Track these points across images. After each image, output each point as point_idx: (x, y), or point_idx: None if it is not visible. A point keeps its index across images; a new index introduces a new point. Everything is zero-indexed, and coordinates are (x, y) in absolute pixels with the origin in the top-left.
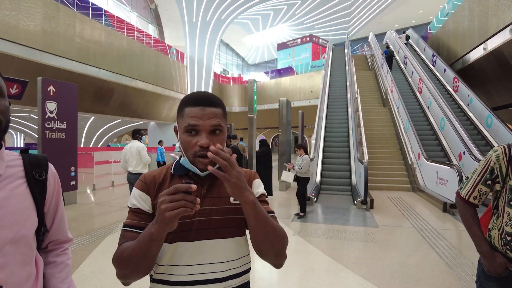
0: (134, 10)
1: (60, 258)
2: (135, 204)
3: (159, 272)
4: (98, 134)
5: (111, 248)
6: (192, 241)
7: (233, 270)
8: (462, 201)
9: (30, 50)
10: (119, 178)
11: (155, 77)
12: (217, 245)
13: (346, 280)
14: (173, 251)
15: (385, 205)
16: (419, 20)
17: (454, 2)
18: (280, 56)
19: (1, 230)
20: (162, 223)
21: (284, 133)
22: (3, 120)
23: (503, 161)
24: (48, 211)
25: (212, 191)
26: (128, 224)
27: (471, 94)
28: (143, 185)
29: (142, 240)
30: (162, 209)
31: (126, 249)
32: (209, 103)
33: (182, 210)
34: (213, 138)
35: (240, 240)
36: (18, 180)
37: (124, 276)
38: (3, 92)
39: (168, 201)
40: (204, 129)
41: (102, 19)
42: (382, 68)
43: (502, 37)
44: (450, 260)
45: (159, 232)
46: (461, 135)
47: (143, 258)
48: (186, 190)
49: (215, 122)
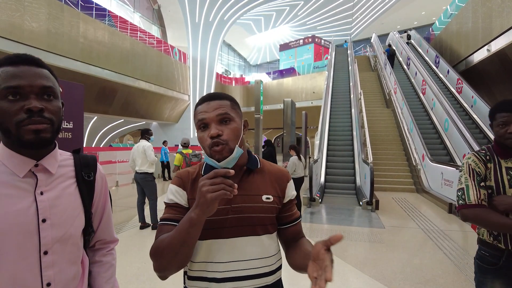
0: (137, 11)
1: (106, 258)
2: (172, 199)
3: (194, 269)
4: (101, 134)
5: (119, 247)
6: (225, 238)
7: (267, 267)
8: (476, 207)
9: (34, 50)
10: (124, 178)
11: (158, 78)
12: (250, 242)
13: (356, 281)
14: (208, 248)
15: (390, 206)
16: (422, 22)
17: (457, 4)
18: (282, 57)
19: (51, 228)
20: (203, 205)
21: (289, 134)
22: (55, 121)
23: (480, 164)
24: (96, 211)
25: (244, 188)
26: (165, 218)
27: (475, 95)
28: (179, 181)
29: (181, 227)
30: (204, 191)
31: (164, 239)
32: (214, 98)
33: (222, 192)
34: (222, 127)
35: (272, 237)
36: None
37: (162, 267)
38: (56, 94)
39: (209, 184)
40: (212, 120)
41: (106, 19)
42: (385, 69)
43: (506, 39)
44: (459, 261)
45: (199, 216)
46: (465, 136)
47: (182, 245)
48: (225, 175)
49: (220, 111)
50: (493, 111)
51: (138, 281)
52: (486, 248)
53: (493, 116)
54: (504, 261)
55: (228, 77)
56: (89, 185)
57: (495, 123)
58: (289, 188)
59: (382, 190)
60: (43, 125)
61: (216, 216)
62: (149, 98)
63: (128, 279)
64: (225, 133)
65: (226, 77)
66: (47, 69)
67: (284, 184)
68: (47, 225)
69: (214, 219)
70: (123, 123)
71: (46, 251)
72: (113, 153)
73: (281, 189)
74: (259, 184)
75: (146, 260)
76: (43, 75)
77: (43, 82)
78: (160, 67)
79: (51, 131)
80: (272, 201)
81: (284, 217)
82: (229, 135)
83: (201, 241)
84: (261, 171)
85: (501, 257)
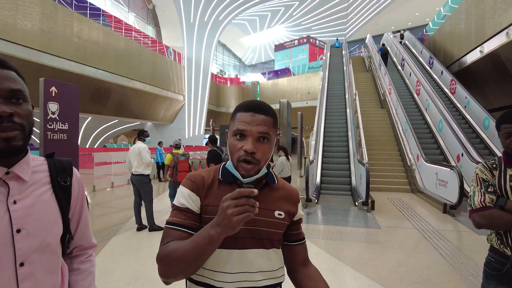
0: (132, 11)
1: (84, 265)
2: (183, 203)
3: (203, 275)
4: (95, 135)
5: (117, 250)
6: (237, 248)
7: (273, 279)
8: (482, 210)
9: (28, 50)
10: (119, 179)
11: (152, 78)
12: (259, 255)
13: (353, 281)
14: (217, 257)
15: (386, 206)
16: (416, 22)
17: (450, 5)
18: (277, 57)
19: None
20: (227, 227)
21: (285, 135)
22: (26, 126)
23: (487, 172)
24: (73, 217)
25: (260, 202)
26: (174, 222)
27: (468, 96)
28: (193, 185)
29: (199, 242)
30: (229, 213)
31: (177, 249)
32: (259, 110)
33: (247, 215)
34: (259, 145)
35: (278, 252)
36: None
37: (171, 275)
38: (25, 96)
39: (234, 206)
40: (251, 135)
41: (100, 19)
42: (379, 70)
43: (498, 40)
44: (454, 261)
45: (221, 235)
46: (459, 137)
47: (196, 259)
48: (249, 195)
49: (262, 129)
50: (498, 122)
51: (136, 284)
52: (493, 254)
53: (499, 127)
54: (509, 268)
55: (223, 77)
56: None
57: (500, 134)
58: (300, 207)
59: (377, 190)
60: (14, 132)
61: None
62: (144, 98)
63: (127, 281)
64: (260, 152)
65: (221, 77)
66: (14, 71)
67: (296, 203)
68: (22, 235)
69: None
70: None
71: (22, 262)
72: (109, 154)
73: (293, 207)
74: (274, 199)
75: (144, 263)
76: (10, 78)
77: (10, 85)
78: (155, 67)
79: (23, 137)
80: (283, 218)
81: (291, 235)
82: (262, 155)
83: None
84: (277, 187)
85: (506, 264)
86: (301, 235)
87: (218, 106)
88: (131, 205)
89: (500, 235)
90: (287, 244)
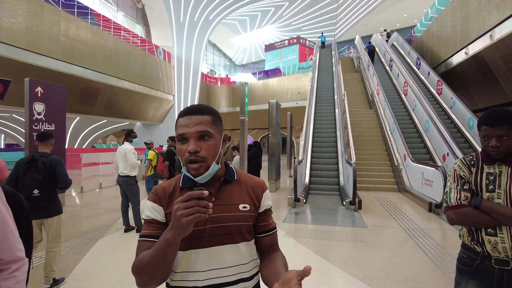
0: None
1: (6, 283)
2: (149, 216)
3: (176, 279)
4: (83, 135)
5: (104, 251)
6: (204, 247)
7: (244, 273)
8: (458, 207)
9: (13, 48)
10: (107, 179)
11: (141, 77)
12: (228, 251)
13: (338, 280)
14: (187, 259)
15: (373, 206)
16: (404, 24)
17: (437, 7)
18: (267, 57)
19: None
20: (178, 228)
21: (274, 135)
22: None
23: (465, 168)
24: None
25: (221, 199)
26: (144, 235)
27: (454, 97)
28: (155, 197)
29: (159, 247)
30: (178, 215)
31: (144, 258)
32: (195, 112)
33: (197, 216)
34: (201, 143)
35: (249, 244)
36: None
37: (144, 283)
38: None
39: (183, 208)
40: (191, 136)
41: (88, 18)
42: (368, 71)
43: (482, 42)
44: (437, 259)
45: (175, 237)
46: (444, 137)
47: (160, 264)
48: (199, 197)
49: (200, 128)
50: (479, 123)
51: (122, 285)
52: (464, 250)
53: (479, 127)
54: (478, 264)
55: (213, 77)
56: None
57: (480, 134)
58: (265, 198)
59: (365, 189)
60: None
61: (195, 227)
62: (133, 98)
63: (113, 282)
64: (203, 149)
65: (212, 77)
66: None
67: (260, 194)
68: None
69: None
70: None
71: None
72: (97, 154)
73: (257, 198)
74: (236, 194)
75: (131, 264)
76: None
77: None
78: (144, 67)
79: None
80: (248, 210)
81: (260, 227)
82: (207, 151)
83: (181, 252)
84: (238, 182)
85: (476, 260)
86: (269, 226)
87: None
88: (119, 206)
89: (471, 232)
90: (256, 236)
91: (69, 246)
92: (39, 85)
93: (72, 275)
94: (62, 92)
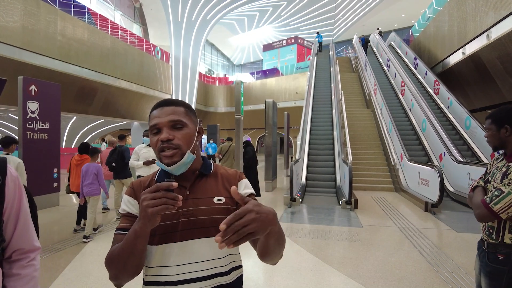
0: (118, 9)
1: (25, 271)
2: (124, 209)
3: (149, 274)
4: (80, 135)
5: (96, 251)
6: (178, 241)
7: (220, 268)
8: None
9: (8, 47)
10: None
11: (139, 77)
12: (202, 244)
13: (332, 280)
14: (161, 253)
15: (369, 205)
16: (402, 24)
17: (434, 7)
18: (265, 57)
19: None
20: (145, 219)
21: (270, 134)
22: None
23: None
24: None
25: (195, 192)
26: (119, 228)
27: (451, 96)
28: (131, 191)
29: (128, 238)
30: (144, 205)
31: (114, 250)
32: (167, 104)
33: (163, 207)
34: (174, 132)
35: None
36: None
37: (115, 276)
38: None
39: (150, 198)
40: (164, 125)
41: (85, 17)
42: (365, 71)
43: (479, 42)
44: (432, 258)
45: (142, 228)
46: (441, 136)
47: (129, 256)
48: (167, 188)
49: (172, 117)
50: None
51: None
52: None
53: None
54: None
55: (211, 76)
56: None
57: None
58: (241, 186)
59: (361, 189)
60: None
61: (168, 221)
62: (130, 98)
63: (104, 282)
64: (177, 138)
65: (210, 77)
66: None
67: (234, 183)
68: None
69: (166, 224)
70: (103, 123)
71: None
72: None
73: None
74: (211, 187)
75: None
76: None
77: None
78: (142, 66)
79: None
80: (224, 202)
81: None
82: (181, 140)
83: (155, 246)
84: (215, 175)
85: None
86: None
87: (206, 105)
88: (113, 206)
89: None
90: None
91: (62, 246)
92: (33, 83)
93: (62, 275)
94: (57, 91)
